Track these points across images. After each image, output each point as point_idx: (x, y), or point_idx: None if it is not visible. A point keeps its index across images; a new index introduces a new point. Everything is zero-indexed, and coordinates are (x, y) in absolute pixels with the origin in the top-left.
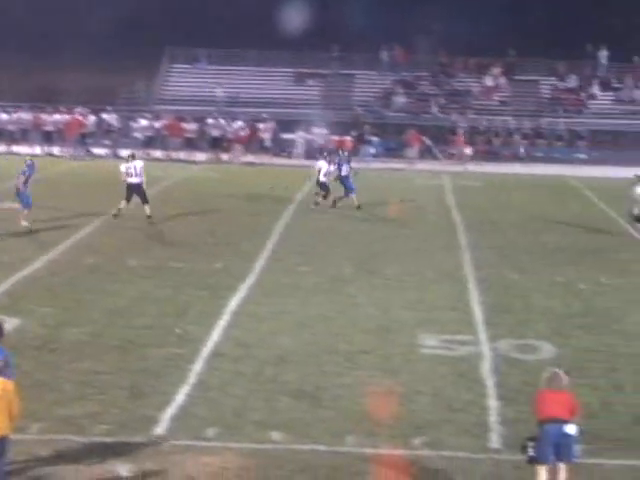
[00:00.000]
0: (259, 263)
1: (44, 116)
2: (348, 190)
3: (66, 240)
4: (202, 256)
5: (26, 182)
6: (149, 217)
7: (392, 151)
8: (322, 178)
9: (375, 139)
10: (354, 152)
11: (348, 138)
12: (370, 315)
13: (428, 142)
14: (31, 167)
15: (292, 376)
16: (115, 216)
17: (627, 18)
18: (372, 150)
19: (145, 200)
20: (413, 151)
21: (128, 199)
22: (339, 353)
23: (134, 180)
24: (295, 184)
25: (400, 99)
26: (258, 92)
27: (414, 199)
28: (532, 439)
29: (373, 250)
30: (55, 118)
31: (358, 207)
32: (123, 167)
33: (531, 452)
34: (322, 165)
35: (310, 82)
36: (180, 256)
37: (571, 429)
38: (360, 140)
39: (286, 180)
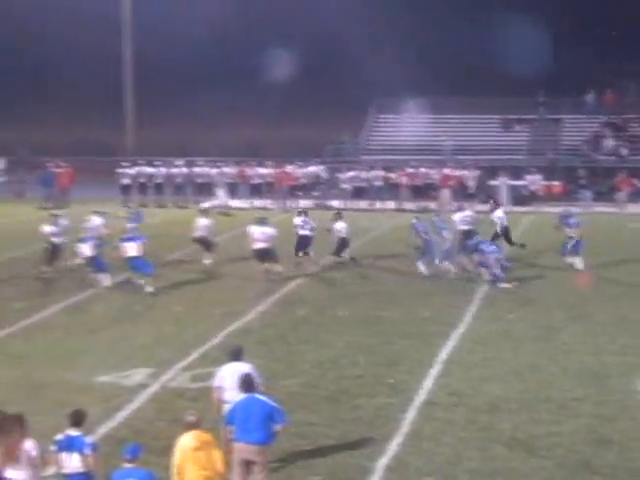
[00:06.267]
0: (469, 310)
1: (249, 170)
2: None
3: (275, 293)
4: (408, 305)
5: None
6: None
7: (601, 195)
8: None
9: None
10: (565, 197)
11: (556, 183)
12: (582, 361)
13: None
14: (444, 222)
15: (505, 424)
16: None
17: None
18: (589, 194)
19: (307, 252)
20: (623, 195)
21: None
22: (552, 400)
23: (306, 232)
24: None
25: (609, 142)
26: (464, 139)
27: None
28: None
29: (582, 295)
30: (261, 171)
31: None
32: (297, 220)
33: None
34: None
35: (517, 128)
36: (386, 305)
37: None
38: (577, 185)
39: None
